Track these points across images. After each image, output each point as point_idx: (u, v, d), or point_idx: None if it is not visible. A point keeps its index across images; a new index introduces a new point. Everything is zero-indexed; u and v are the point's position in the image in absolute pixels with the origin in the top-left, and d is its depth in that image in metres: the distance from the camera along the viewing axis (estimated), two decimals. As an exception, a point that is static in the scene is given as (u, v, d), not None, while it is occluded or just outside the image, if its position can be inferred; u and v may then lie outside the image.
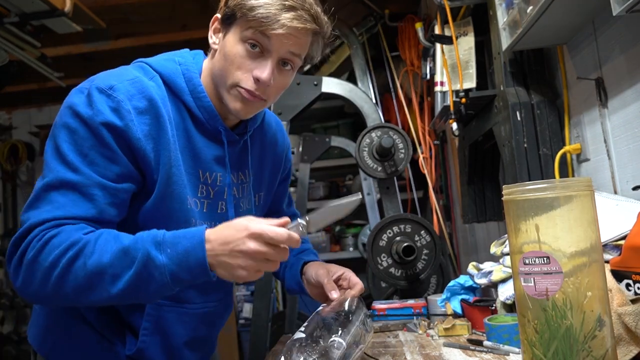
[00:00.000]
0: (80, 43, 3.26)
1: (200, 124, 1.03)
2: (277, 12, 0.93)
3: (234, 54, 0.96)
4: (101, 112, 0.89)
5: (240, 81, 0.97)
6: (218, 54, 1.00)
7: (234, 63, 0.97)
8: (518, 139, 1.46)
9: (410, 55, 2.84)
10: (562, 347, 0.71)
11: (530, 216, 0.75)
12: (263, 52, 0.96)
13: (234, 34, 0.97)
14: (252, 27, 0.94)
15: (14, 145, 4.33)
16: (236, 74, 0.97)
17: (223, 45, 0.99)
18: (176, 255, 0.83)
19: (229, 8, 0.97)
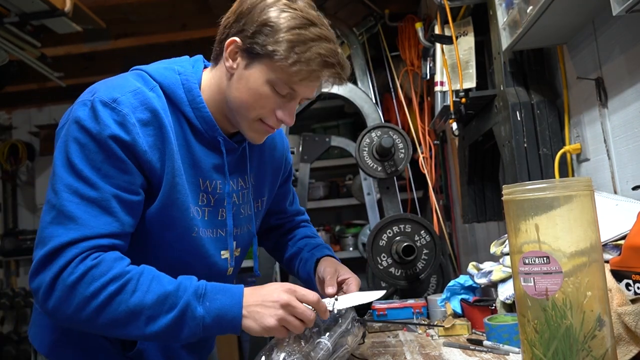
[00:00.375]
0: (80, 43, 3.26)
1: (199, 133, 1.03)
2: (318, 69, 0.94)
3: (259, 94, 0.97)
4: (108, 126, 0.90)
5: (264, 118, 1.00)
6: (237, 82, 0.99)
7: (258, 102, 0.98)
8: (518, 139, 1.46)
9: (410, 55, 2.84)
10: (562, 346, 0.72)
11: (530, 216, 0.75)
12: (289, 95, 0.99)
13: (261, 72, 0.96)
14: (285, 77, 0.94)
15: (14, 145, 4.33)
16: (260, 112, 0.99)
17: (245, 77, 0.97)
18: (213, 310, 0.88)
19: (259, 46, 0.94)
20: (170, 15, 3.22)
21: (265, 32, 0.93)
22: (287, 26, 0.92)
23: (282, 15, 0.93)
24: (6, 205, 4.44)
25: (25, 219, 4.49)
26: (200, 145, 1.03)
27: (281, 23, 0.93)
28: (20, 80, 3.71)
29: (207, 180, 1.04)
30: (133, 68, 1.05)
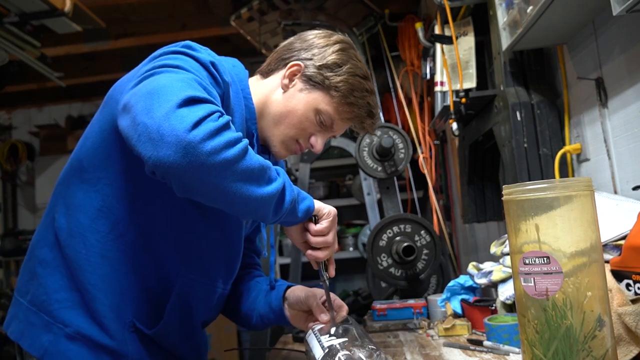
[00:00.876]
0: (80, 43, 3.26)
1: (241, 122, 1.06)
2: (365, 116, 1.07)
3: (305, 118, 1.05)
4: (207, 56, 0.94)
5: (299, 138, 1.07)
6: (286, 100, 1.06)
7: (301, 124, 1.06)
8: (518, 139, 1.46)
9: (410, 55, 2.84)
10: (562, 347, 0.71)
11: (530, 216, 0.75)
12: (328, 127, 1.07)
13: (315, 100, 1.05)
14: (334, 111, 1.05)
15: (14, 145, 4.33)
16: (299, 132, 1.07)
17: (296, 97, 1.06)
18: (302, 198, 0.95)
19: (322, 77, 1.04)
20: (170, 15, 3.22)
21: (333, 69, 1.05)
22: (352, 72, 1.05)
23: (350, 61, 1.06)
24: (6, 205, 4.45)
25: (25, 219, 4.49)
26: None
27: (348, 67, 1.05)
28: (20, 80, 3.72)
29: None
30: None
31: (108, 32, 3.18)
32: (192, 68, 0.89)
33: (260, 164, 0.84)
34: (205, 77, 0.90)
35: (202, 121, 0.77)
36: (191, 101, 0.79)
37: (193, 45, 0.97)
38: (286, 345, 1.36)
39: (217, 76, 0.93)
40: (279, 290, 1.15)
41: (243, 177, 0.81)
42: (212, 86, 0.90)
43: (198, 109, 0.78)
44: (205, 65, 0.92)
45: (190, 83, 0.83)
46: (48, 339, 0.99)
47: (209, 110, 0.79)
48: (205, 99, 0.81)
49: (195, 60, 0.92)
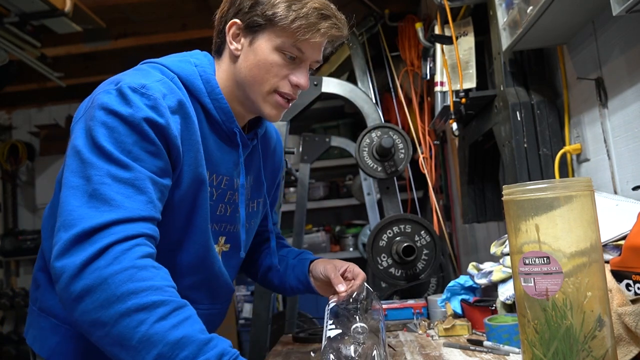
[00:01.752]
0: (80, 43, 3.26)
1: (216, 125, 1.04)
2: (317, 21, 0.98)
3: (270, 63, 1.00)
4: (140, 108, 0.88)
5: (279, 87, 1.02)
6: (245, 60, 1.02)
7: (270, 71, 1.00)
8: (518, 139, 1.46)
9: (410, 55, 2.84)
10: (562, 347, 0.71)
11: (530, 216, 0.75)
12: (298, 58, 1.01)
13: (267, 41, 1.00)
14: (290, 37, 0.98)
15: (14, 145, 4.33)
16: (274, 81, 1.01)
17: (253, 52, 1.01)
18: None
19: (259, 16, 0.99)
20: (170, 15, 3.22)
21: (261, 2, 0.98)
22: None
23: None
24: (6, 205, 4.44)
25: (25, 219, 4.49)
26: (215, 138, 1.04)
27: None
28: (20, 80, 3.72)
29: (214, 174, 1.04)
30: (145, 61, 1.04)
31: (108, 32, 3.18)
32: (116, 142, 0.86)
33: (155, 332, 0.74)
34: (133, 143, 0.87)
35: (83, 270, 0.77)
36: (79, 239, 0.78)
37: (127, 94, 0.89)
38: (286, 346, 1.36)
39: (148, 132, 0.88)
40: (304, 264, 1.21)
41: (122, 343, 0.75)
42: (140, 149, 0.87)
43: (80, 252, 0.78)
44: (135, 126, 0.87)
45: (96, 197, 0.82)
46: (56, 340, 1.02)
47: (93, 252, 0.77)
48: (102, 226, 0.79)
49: (124, 124, 0.87)
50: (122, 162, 0.85)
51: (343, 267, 1.13)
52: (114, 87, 0.91)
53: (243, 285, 3.87)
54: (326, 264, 1.15)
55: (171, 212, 0.96)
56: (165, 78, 0.96)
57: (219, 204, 1.07)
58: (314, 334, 1.37)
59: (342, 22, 1.03)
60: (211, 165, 1.03)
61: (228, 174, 1.07)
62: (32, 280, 1.11)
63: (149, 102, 0.89)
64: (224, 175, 1.06)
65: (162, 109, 0.90)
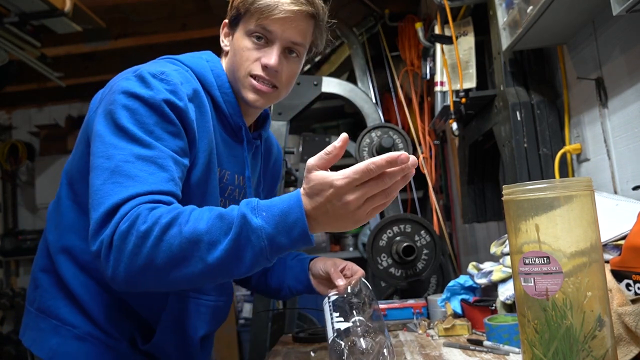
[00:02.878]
0: (80, 43, 3.26)
1: (224, 119, 1.08)
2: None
3: (241, 48, 1.04)
4: (160, 91, 0.92)
5: (251, 70, 1.04)
6: (230, 54, 1.08)
7: (242, 56, 1.04)
8: (518, 139, 1.46)
9: (410, 55, 2.84)
10: (562, 347, 0.71)
11: (530, 216, 0.75)
12: (268, 42, 1.04)
13: (241, 30, 1.05)
14: (254, 19, 1.02)
15: (14, 145, 4.33)
16: (246, 65, 1.04)
17: (232, 44, 1.07)
18: (272, 217, 0.78)
19: (234, 9, 1.05)
20: (170, 15, 3.22)
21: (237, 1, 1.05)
22: None
23: None
24: (6, 205, 4.44)
25: (25, 219, 4.49)
26: (221, 132, 1.07)
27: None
28: (20, 80, 3.71)
29: (219, 167, 1.06)
30: (161, 57, 1.09)
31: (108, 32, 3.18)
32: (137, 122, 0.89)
33: (187, 238, 0.78)
34: (154, 123, 0.90)
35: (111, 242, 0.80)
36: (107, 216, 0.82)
37: (147, 78, 0.93)
38: (286, 345, 1.36)
39: (169, 113, 0.92)
40: (303, 263, 1.23)
41: (167, 266, 0.79)
42: (161, 129, 0.91)
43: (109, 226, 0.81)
44: (156, 107, 0.91)
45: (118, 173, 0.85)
46: (57, 341, 1.02)
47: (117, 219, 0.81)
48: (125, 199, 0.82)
49: (145, 105, 0.91)
50: (144, 141, 0.88)
51: (342, 264, 1.16)
52: (132, 74, 0.95)
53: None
54: (326, 261, 1.18)
55: (185, 196, 0.97)
56: (181, 69, 1.02)
57: (220, 197, 1.08)
58: (314, 334, 1.37)
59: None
60: (217, 159, 1.06)
61: (230, 168, 1.10)
62: (31, 280, 1.11)
63: (168, 87, 0.94)
64: (227, 170, 1.09)
65: (180, 94, 0.95)
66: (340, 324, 0.94)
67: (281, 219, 0.78)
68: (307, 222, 0.78)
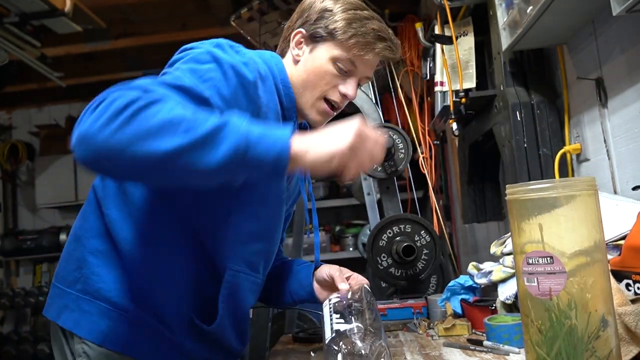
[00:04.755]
0: (80, 43, 3.26)
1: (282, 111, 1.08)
2: (373, 41, 1.05)
3: (324, 71, 1.06)
4: (234, 58, 0.95)
5: (328, 94, 1.08)
6: (304, 66, 1.09)
7: (323, 79, 1.07)
8: (518, 139, 1.46)
9: (410, 55, 2.84)
10: (566, 347, 0.71)
11: (533, 216, 0.75)
12: (350, 72, 1.07)
13: (325, 52, 1.07)
14: (347, 52, 1.05)
15: (14, 145, 4.33)
16: (324, 88, 1.07)
17: (311, 59, 1.08)
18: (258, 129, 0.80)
19: (322, 28, 1.07)
20: (170, 15, 3.22)
21: (326, 17, 1.07)
22: (343, 9, 1.07)
23: (337, 3, 1.08)
24: (6, 205, 4.44)
25: (25, 219, 4.49)
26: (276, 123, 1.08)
27: (338, 7, 1.07)
28: (20, 80, 3.72)
29: None
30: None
31: (108, 32, 3.18)
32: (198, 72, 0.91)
33: (170, 117, 0.76)
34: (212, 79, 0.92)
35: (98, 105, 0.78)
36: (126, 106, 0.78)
37: (224, 47, 0.97)
38: (286, 345, 1.36)
39: (231, 78, 0.94)
40: (309, 268, 1.24)
41: (138, 136, 0.75)
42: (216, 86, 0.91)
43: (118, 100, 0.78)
44: (224, 67, 0.93)
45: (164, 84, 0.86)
46: (107, 324, 0.99)
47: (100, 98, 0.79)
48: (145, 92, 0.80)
49: (214, 61, 0.93)
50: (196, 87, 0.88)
51: (348, 273, 1.16)
52: (208, 43, 0.97)
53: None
54: (331, 267, 1.19)
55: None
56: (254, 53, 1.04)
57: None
58: (314, 334, 1.37)
59: (396, 45, 1.10)
60: None
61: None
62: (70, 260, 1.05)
63: (243, 60, 0.97)
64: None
65: (251, 68, 0.97)
66: (340, 325, 0.94)
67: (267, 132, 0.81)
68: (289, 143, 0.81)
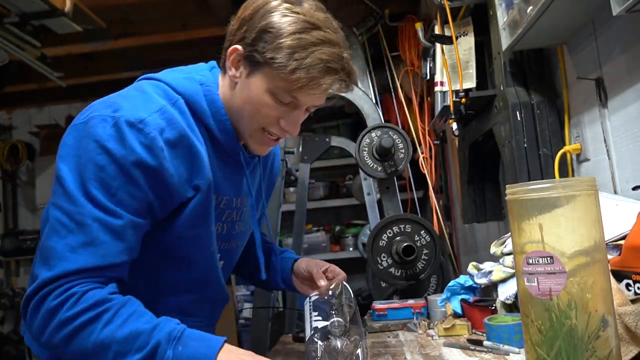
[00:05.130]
0: (80, 43, 3.26)
1: (219, 146, 1.01)
2: (319, 76, 0.89)
3: (261, 104, 0.94)
4: (134, 150, 0.87)
5: (267, 126, 0.98)
6: (240, 92, 0.97)
7: (260, 112, 0.95)
8: (518, 139, 1.46)
9: (410, 55, 2.84)
10: (566, 347, 0.71)
11: (533, 216, 0.75)
12: (293, 104, 0.95)
13: (262, 81, 0.93)
14: (287, 86, 0.91)
15: (14, 145, 4.32)
16: (262, 121, 0.97)
17: (247, 86, 0.95)
18: (184, 356, 0.83)
19: (258, 53, 0.91)
20: (170, 15, 3.21)
21: (266, 39, 0.90)
22: (288, 31, 0.88)
23: (283, 20, 0.89)
24: (6, 205, 4.44)
25: (25, 219, 4.49)
26: (218, 160, 1.02)
27: (282, 28, 0.89)
28: (20, 80, 3.71)
29: (215, 194, 1.02)
30: (149, 77, 1.01)
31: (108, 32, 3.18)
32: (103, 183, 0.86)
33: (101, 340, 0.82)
34: (119, 186, 0.87)
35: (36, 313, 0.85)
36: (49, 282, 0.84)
37: (123, 129, 0.87)
38: (286, 345, 1.36)
39: (137, 178, 0.88)
40: (288, 262, 1.24)
41: (77, 355, 0.84)
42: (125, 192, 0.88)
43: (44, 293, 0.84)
44: (126, 169, 0.87)
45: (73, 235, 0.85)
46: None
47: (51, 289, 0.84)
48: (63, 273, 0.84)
49: (114, 164, 0.87)
50: (105, 206, 0.86)
51: (325, 266, 1.16)
52: (111, 115, 0.88)
53: (243, 285, 3.87)
54: (309, 261, 1.20)
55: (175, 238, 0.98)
56: (167, 105, 0.93)
57: (216, 222, 1.06)
58: (314, 333, 1.37)
59: (351, 74, 0.94)
60: (217, 188, 1.02)
61: (228, 193, 1.05)
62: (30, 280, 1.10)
63: (145, 141, 0.88)
64: (224, 195, 1.05)
65: (157, 150, 0.88)
66: (318, 322, 0.96)
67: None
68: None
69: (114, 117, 0.88)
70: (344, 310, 0.99)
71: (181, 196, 0.94)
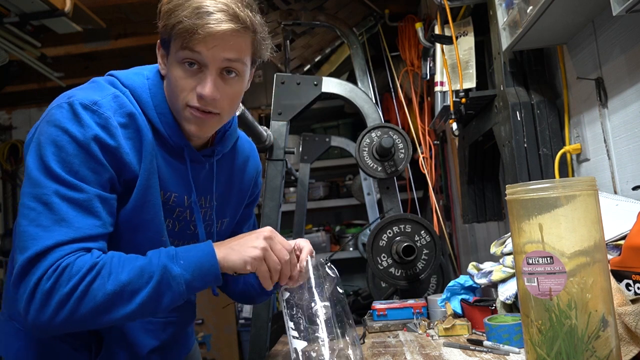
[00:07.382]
0: (80, 43, 3.26)
1: (164, 139, 1.02)
2: (195, 21, 0.91)
3: (175, 78, 0.97)
4: (90, 127, 0.90)
5: (188, 101, 0.98)
6: (166, 81, 1.02)
7: (177, 86, 0.97)
8: (518, 139, 1.46)
9: (410, 55, 2.84)
10: (566, 347, 0.71)
11: (533, 216, 0.75)
12: (200, 68, 0.96)
13: (172, 56, 0.97)
14: (181, 45, 0.94)
15: (14, 145, 4.33)
16: (182, 95, 0.97)
17: (168, 70, 0.99)
18: (190, 264, 0.90)
19: (161, 32, 0.98)
20: (170, 15, 3.21)
21: (161, 16, 0.97)
22: (166, 1, 0.96)
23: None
24: (6, 205, 4.44)
25: (25, 219, 4.49)
26: (163, 154, 1.02)
27: (163, 2, 0.97)
28: (20, 80, 3.71)
29: (162, 190, 1.02)
30: (107, 73, 1.06)
31: (108, 32, 3.18)
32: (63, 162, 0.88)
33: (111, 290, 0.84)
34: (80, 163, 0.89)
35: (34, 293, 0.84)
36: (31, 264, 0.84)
37: (78, 110, 0.91)
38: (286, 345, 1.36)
39: (96, 153, 0.90)
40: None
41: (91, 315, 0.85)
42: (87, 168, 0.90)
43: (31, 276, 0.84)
44: (84, 146, 0.89)
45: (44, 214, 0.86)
46: (20, 345, 1.03)
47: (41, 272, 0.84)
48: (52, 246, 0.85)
49: (73, 142, 0.89)
50: (70, 182, 0.88)
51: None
52: (65, 102, 0.93)
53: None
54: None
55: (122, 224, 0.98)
56: (117, 91, 0.98)
57: (167, 218, 1.05)
58: (314, 333, 1.37)
59: (231, 13, 0.93)
60: (160, 182, 1.01)
61: (177, 190, 1.05)
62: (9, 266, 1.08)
63: (100, 121, 0.92)
64: (173, 192, 1.04)
65: (112, 129, 0.92)
66: (297, 342, 0.96)
67: (198, 264, 0.90)
68: (219, 267, 0.91)
69: (69, 102, 0.92)
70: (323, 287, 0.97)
71: (132, 175, 0.96)
